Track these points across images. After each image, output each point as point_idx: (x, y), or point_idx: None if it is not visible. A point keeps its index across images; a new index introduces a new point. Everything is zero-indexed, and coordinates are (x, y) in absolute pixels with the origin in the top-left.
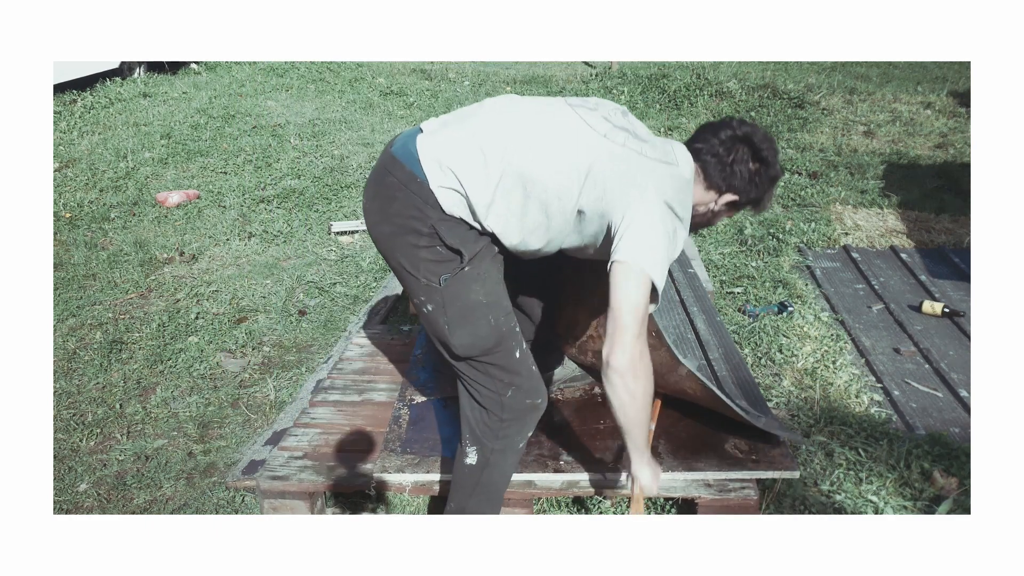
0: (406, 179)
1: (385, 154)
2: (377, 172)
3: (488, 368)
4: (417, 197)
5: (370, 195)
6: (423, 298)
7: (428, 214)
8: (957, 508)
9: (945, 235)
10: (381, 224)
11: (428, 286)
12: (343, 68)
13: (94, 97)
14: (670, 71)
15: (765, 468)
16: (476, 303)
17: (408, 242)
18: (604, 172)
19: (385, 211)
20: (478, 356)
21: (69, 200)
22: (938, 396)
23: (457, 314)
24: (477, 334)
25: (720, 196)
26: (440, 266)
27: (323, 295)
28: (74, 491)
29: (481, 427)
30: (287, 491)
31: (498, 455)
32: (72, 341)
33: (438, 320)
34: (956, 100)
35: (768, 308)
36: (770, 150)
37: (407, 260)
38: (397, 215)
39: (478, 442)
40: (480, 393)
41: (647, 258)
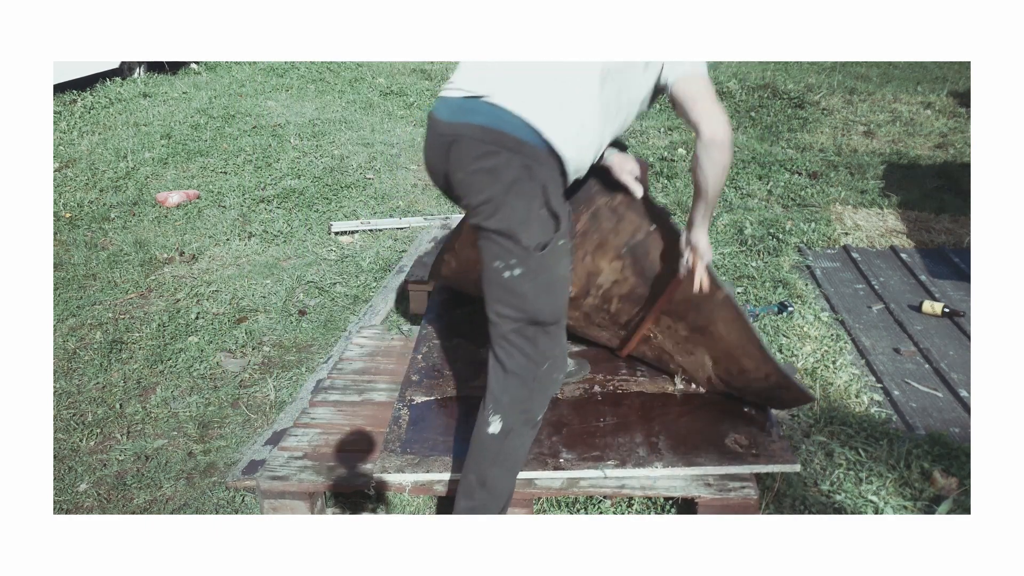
0: (514, 145)
1: (468, 128)
2: (472, 147)
3: (539, 338)
4: (529, 158)
5: (472, 169)
6: (514, 260)
7: (538, 174)
8: (957, 508)
9: (945, 235)
10: (488, 191)
11: (526, 250)
12: (343, 68)
13: (94, 97)
14: None
15: (765, 462)
16: (561, 277)
17: (521, 205)
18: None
19: (496, 180)
20: (547, 324)
21: (69, 200)
22: (938, 396)
23: (545, 284)
24: (555, 305)
25: None
26: (542, 232)
27: (323, 295)
28: (74, 491)
29: (509, 396)
30: (287, 491)
31: (521, 425)
32: (72, 341)
33: (521, 285)
34: (956, 100)
35: (768, 308)
36: None
37: (515, 222)
38: (509, 181)
39: (503, 410)
40: (517, 362)
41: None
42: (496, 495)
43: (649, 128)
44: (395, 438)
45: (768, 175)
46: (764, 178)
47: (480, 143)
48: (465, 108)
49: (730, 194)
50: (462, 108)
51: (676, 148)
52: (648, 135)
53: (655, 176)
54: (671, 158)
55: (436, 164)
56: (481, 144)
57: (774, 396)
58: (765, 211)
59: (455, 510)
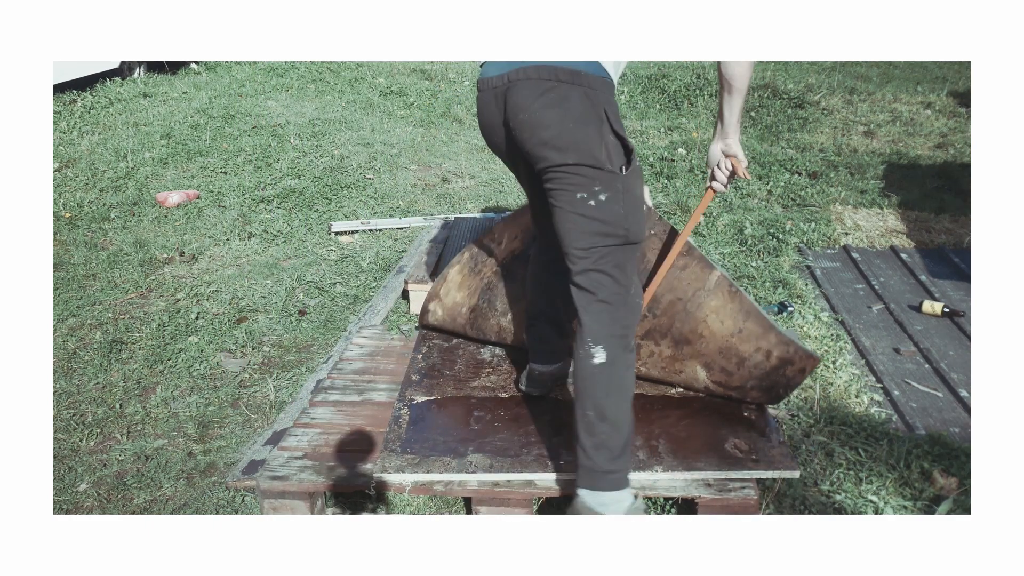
0: (570, 76)
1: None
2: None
3: (626, 263)
4: (587, 87)
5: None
6: (598, 187)
7: (599, 99)
8: (957, 508)
9: (945, 235)
10: (556, 125)
11: (610, 174)
12: (343, 68)
13: (94, 97)
14: (670, 71)
15: (765, 468)
16: (641, 196)
17: (593, 131)
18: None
19: (561, 113)
20: (637, 242)
21: (69, 200)
22: (938, 396)
23: (632, 203)
24: (641, 223)
25: None
26: (616, 155)
27: (323, 295)
28: (74, 491)
29: (607, 326)
30: (287, 491)
31: (623, 351)
32: (72, 341)
33: (613, 208)
34: (956, 100)
35: (768, 308)
36: None
37: (595, 148)
38: (575, 112)
39: (603, 340)
40: (609, 290)
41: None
42: (618, 426)
43: (649, 128)
44: (395, 438)
45: (768, 175)
46: (764, 178)
47: (537, 81)
48: (513, 64)
49: (730, 194)
50: (510, 64)
51: (676, 148)
52: (648, 135)
53: (655, 176)
54: (671, 158)
55: (493, 117)
56: (539, 81)
57: (778, 379)
58: (765, 211)
59: (580, 448)
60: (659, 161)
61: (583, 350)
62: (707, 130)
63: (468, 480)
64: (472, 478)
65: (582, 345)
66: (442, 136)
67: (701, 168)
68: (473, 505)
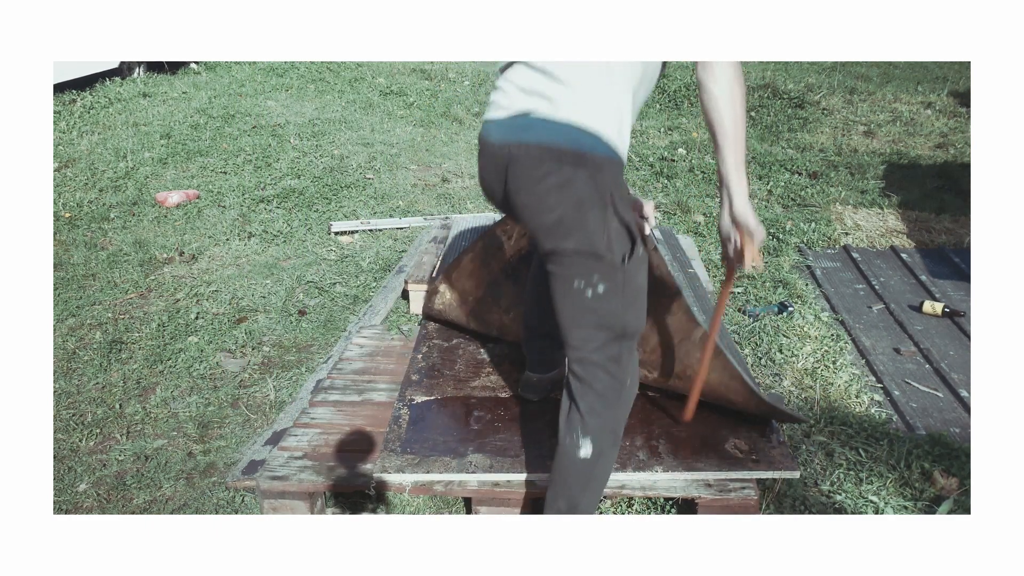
0: (574, 159)
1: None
2: (527, 166)
3: (623, 354)
4: (592, 169)
5: (536, 192)
6: (597, 277)
7: (604, 182)
8: (957, 508)
9: (945, 235)
10: (557, 211)
11: (611, 264)
12: (343, 68)
13: (94, 97)
14: (670, 71)
15: (765, 468)
16: (642, 287)
17: (593, 218)
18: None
19: (563, 198)
20: (631, 338)
21: (69, 200)
22: (938, 396)
23: (632, 295)
24: (640, 317)
25: None
26: (619, 244)
27: (323, 295)
28: (74, 491)
29: (600, 418)
30: (287, 491)
31: (609, 446)
32: (72, 341)
33: (611, 300)
34: (956, 100)
35: (768, 308)
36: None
37: (596, 236)
38: (576, 197)
39: (593, 433)
40: (603, 382)
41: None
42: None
43: (649, 128)
44: (395, 438)
45: (768, 175)
46: (764, 178)
47: (539, 162)
48: (516, 126)
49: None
50: (513, 126)
51: (676, 148)
52: (648, 135)
53: (655, 176)
54: (671, 158)
55: (494, 186)
56: (540, 163)
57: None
58: (765, 211)
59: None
60: (659, 161)
61: (571, 439)
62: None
63: (468, 480)
64: (472, 478)
65: (570, 432)
66: (442, 136)
67: (701, 168)
68: (473, 505)
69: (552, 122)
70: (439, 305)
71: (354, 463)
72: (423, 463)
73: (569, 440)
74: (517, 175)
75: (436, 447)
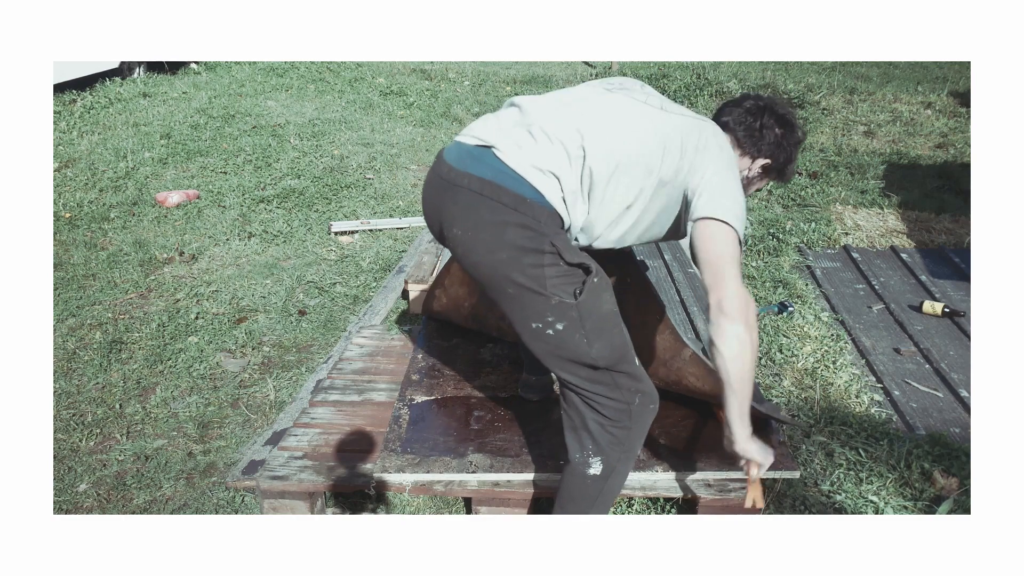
0: (514, 202)
1: (469, 179)
2: (468, 199)
3: (617, 378)
4: (530, 217)
5: (469, 226)
6: (551, 318)
7: (544, 231)
8: (957, 508)
9: (945, 235)
10: (496, 251)
11: (561, 304)
12: (343, 68)
13: (94, 97)
14: (670, 71)
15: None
16: (609, 312)
17: (531, 263)
18: (678, 140)
19: (500, 237)
20: (613, 366)
21: (69, 200)
22: (938, 396)
23: (595, 327)
24: (613, 344)
25: (753, 162)
26: (568, 280)
27: (323, 295)
28: (74, 491)
29: (607, 438)
30: (287, 491)
31: (622, 464)
32: (72, 341)
33: (572, 337)
34: (956, 100)
35: (768, 308)
36: (792, 115)
37: (533, 281)
38: (514, 239)
39: (602, 453)
40: (605, 406)
41: (729, 210)
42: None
43: None
44: (395, 438)
45: None
46: None
47: (479, 196)
48: (472, 156)
49: None
50: (469, 155)
51: None
52: None
53: None
54: None
55: (431, 207)
56: (479, 198)
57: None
58: (765, 211)
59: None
60: None
61: (581, 456)
62: None
63: (468, 480)
64: (472, 478)
65: (580, 450)
66: (442, 136)
67: None
68: (473, 505)
69: (505, 165)
70: (437, 308)
71: (354, 463)
72: (423, 463)
73: (578, 457)
74: (455, 205)
75: (436, 447)
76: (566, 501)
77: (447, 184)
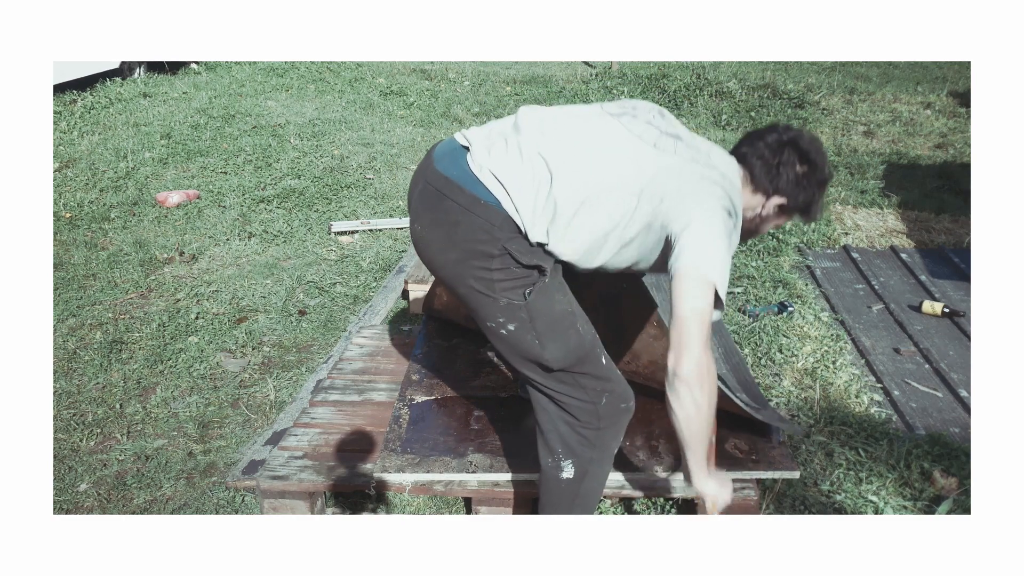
0: (468, 203)
1: (435, 176)
2: (430, 196)
3: (579, 379)
4: (483, 220)
5: (426, 222)
6: (502, 319)
7: (497, 235)
8: (957, 508)
9: (945, 235)
10: (447, 251)
11: (509, 305)
12: (343, 68)
13: (94, 97)
14: (670, 71)
15: (765, 468)
16: (563, 312)
17: (479, 265)
18: (660, 185)
19: (451, 237)
20: (571, 367)
21: (69, 200)
22: (938, 396)
23: (546, 327)
24: (568, 344)
25: (768, 199)
26: (518, 283)
27: (323, 295)
28: (74, 491)
29: (576, 439)
30: (287, 491)
31: (596, 464)
32: (72, 341)
33: (524, 337)
34: (956, 100)
35: (768, 308)
36: (818, 153)
37: (480, 283)
38: (464, 240)
39: (573, 455)
40: (571, 406)
41: (710, 265)
42: None
43: None
44: (395, 437)
45: None
46: None
47: (439, 194)
48: (449, 154)
49: None
50: (449, 153)
51: None
52: None
53: None
54: None
55: (409, 197)
56: (439, 196)
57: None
58: None
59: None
60: None
61: (551, 460)
62: (707, 130)
63: (468, 480)
64: (472, 478)
65: (550, 455)
66: (442, 136)
67: None
68: (473, 505)
69: (468, 167)
70: (438, 305)
71: (354, 463)
72: (423, 463)
73: (549, 462)
74: (421, 201)
75: (436, 447)
76: (545, 505)
77: (419, 178)
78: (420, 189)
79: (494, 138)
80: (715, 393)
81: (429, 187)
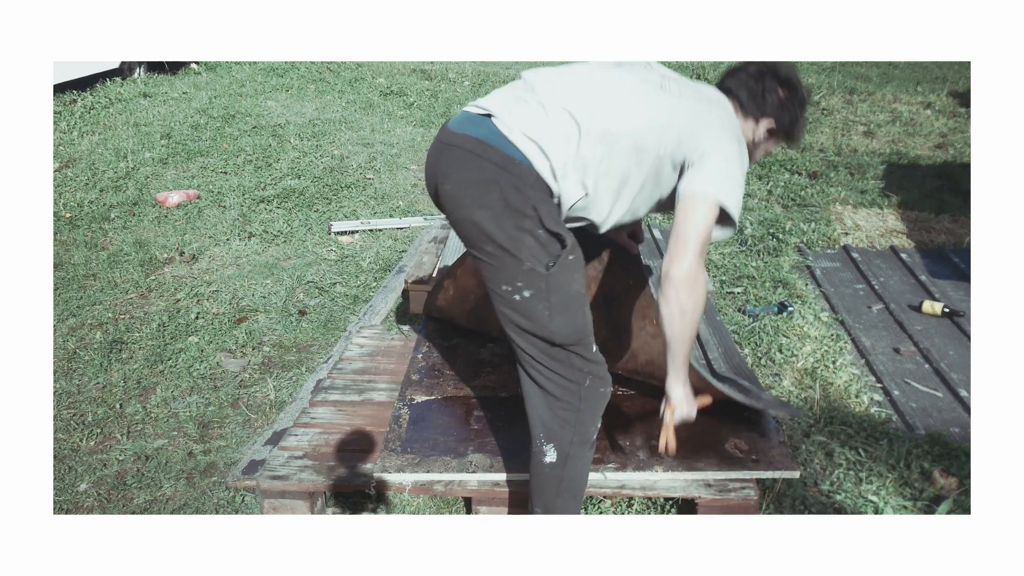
0: (503, 161)
1: (463, 139)
2: (459, 157)
3: (572, 358)
4: (516, 178)
5: (457, 181)
6: (520, 283)
7: (528, 194)
8: (957, 508)
9: (945, 235)
10: (479, 208)
11: (531, 271)
12: (343, 68)
13: (94, 97)
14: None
15: (765, 468)
16: (577, 293)
17: (512, 223)
18: (677, 123)
19: (486, 193)
20: (570, 345)
21: (69, 200)
22: (938, 396)
23: (560, 302)
24: (575, 324)
25: (757, 124)
26: (543, 251)
27: (323, 295)
28: (74, 491)
29: (558, 422)
30: (287, 491)
31: (577, 447)
32: (72, 341)
33: (536, 307)
34: (956, 100)
35: (768, 308)
36: (795, 78)
37: (509, 242)
38: (498, 198)
39: (555, 438)
40: (557, 384)
41: (718, 187)
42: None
43: None
44: (395, 437)
45: (768, 175)
46: (764, 178)
47: (469, 154)
48: (471, 121)
49: None
50: (469, 121)
51: None
52: None
53: None
54: None
55: (429, 167)
56: (470, 155)
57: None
58: (765, 211)
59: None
60: None
61: (536, 446)
62: None
63: (468, 480)
64: (472, 478)
65: (534, 440)
66: None
67: None
68: (473, 505)
69: (498, 130)
70: (441, 301)
71: (354, 463)
72: (423, 463)
73: (535, 446)
74: (448, 162)
75: (436, 447)
76: (533, 491)
77: (444, 145)
78: (446, 153)
79: (510, 102)
80: (701, 303)
81: (457, 149)
